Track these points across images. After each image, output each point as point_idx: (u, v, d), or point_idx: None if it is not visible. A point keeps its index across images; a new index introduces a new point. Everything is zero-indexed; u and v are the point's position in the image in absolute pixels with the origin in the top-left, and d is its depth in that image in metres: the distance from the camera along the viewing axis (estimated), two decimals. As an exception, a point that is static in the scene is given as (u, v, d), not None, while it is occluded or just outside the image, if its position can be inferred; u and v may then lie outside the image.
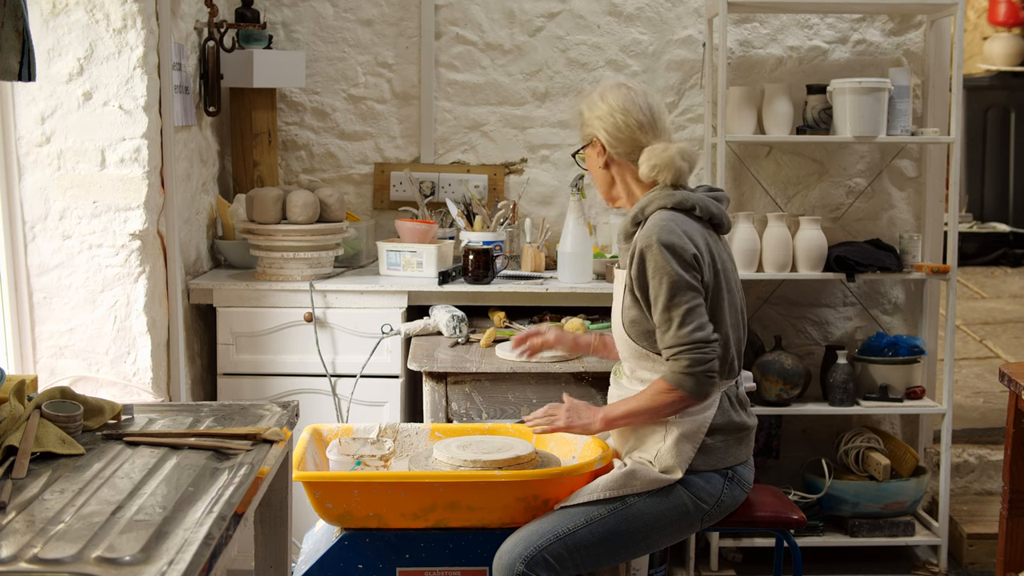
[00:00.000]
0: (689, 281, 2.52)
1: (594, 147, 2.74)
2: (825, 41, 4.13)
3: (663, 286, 2.51)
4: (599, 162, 2.74)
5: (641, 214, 2.63)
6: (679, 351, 2.51)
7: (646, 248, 2.54)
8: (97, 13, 3.10)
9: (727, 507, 2.62)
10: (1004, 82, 8.12)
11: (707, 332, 2.52)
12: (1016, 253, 7.88)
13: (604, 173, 2.75)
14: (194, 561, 1.60)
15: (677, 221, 2.57)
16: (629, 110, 2.68)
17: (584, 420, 2.63)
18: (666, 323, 2.52)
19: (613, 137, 2.69)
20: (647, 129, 2.68)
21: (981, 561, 3.97)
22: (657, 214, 2.60)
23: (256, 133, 3.94)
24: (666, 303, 2.51)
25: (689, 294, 2.52)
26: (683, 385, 2.51)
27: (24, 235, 3.16)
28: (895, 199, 4.19)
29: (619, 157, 2.71)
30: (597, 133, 2.72)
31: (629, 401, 2.60)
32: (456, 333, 3.39)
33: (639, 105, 2.69)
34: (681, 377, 2.50)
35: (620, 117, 2.68)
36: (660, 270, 2.52)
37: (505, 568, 2.48)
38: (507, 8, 4.10)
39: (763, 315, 4.19)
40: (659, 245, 2.52)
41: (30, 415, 2.10)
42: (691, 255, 2.53)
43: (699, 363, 2.50)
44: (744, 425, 2.66)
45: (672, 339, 2.51)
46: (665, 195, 2.62)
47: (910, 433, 4.26)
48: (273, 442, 2.19)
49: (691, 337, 2.50)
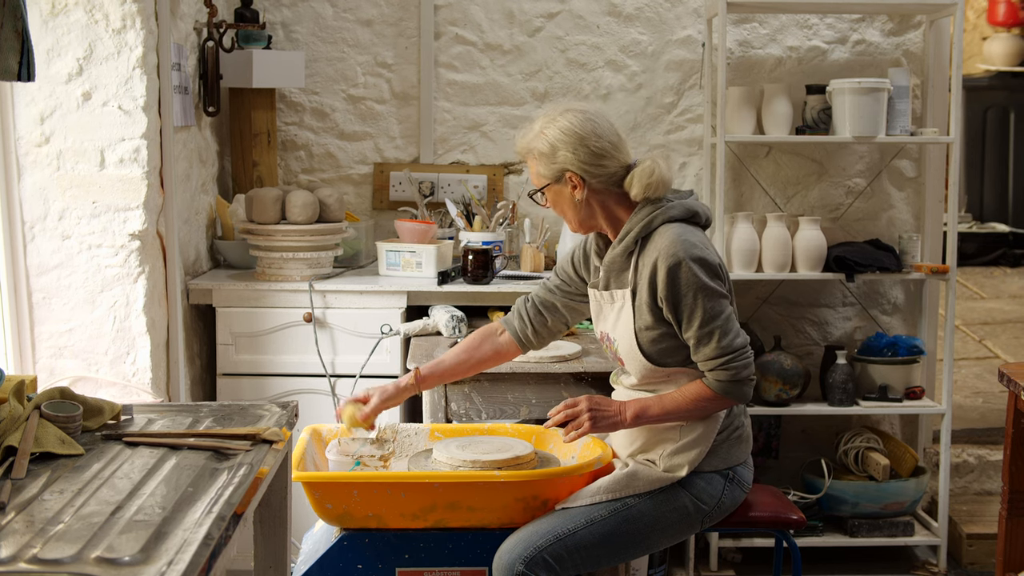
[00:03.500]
0: (722, 291, 2.51)
1: (566, 183, 2.57)
2: (824, 41, 4.13)
3: (699, 300, 2.47)
4: (575, 196, 2.57)
5: (646, 229, 2.54)
6: (725, 361, 2.49)
7: (675, 265, 2.47)
8: (96, 13, 3.10)
9: (727, 508, 2.62)
10: (1003, 82, 8.13)
11: (744, 338, 2.52)
12: (1015, 253, 7.89)
13: (582, 206, 2.58)
14: (193, 561, 1.60)
15: (692, 233, 2.53)
16: (600, 135, 2.55)
17: (611, 419, 2.54)
18: (708, 336, 2.49)
19: (592, 166, 2.54)
20: (620, 148, 2.59)
21: (980, 561, 3.97)
22: (667, 228, 2.52)
23: (255, 133, 3.94)
24: (705, 317, 2.48)
25: (723, 303, 2.50)
26: (731, 392, 2.50)
27: (23, 235, 3.16)
28: (894, 199, 4.19)
29: (601, 184, 2.57)
30: (569, 167, 2.54)
31: (665, 400, 2.54)
32: (455, 333, 3.39)
33: (604, 127, 2.57)
34: (729, 386, 2.50)
35: (594, 144, 2.54)
36: (693, 285, 2.47)
37: (504, 568, 2.48)
38: (507, 8, 4.10)
39: (762, 315, 4.19)
40: (689, 260, 2.46)
41: (29, 415, 2.10)
42: (717, 265, 2.51)
43: (744, 368, 2.50)
44: (744, 425, 2.66)
45: (715, 350, 2.49)
46: (666, 208, 2.55)
47: (909, 433, 4.26)
48: (272, 442, 2.19)
49: (733, 345, 2.49)
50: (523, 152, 2.64)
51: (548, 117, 2.59)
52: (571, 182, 2.57)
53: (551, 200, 2.63)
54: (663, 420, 2.55)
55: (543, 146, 2.57)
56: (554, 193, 2.61)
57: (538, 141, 2.58)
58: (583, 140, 2.54)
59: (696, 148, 4.15)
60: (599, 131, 2.56)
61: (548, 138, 2.56)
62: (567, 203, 2.61)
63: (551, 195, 2.62)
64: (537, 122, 2.61)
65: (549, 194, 2.62)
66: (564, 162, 2.55)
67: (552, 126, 2.57)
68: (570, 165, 2.55)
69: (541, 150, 2.57)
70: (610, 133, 2.58)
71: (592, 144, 2.54)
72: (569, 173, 2.56)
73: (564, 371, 3.14)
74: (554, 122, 2.57)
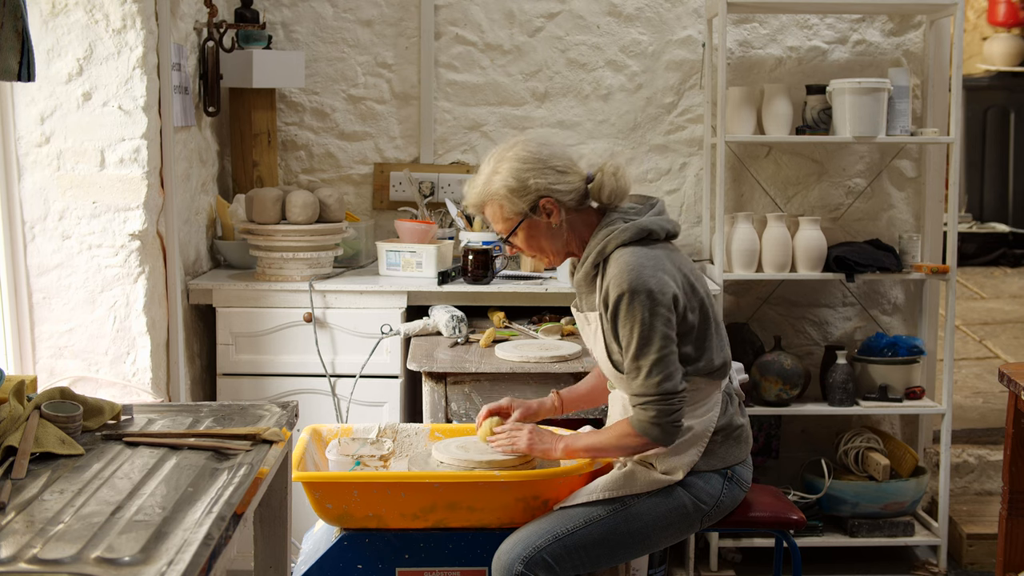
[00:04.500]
0: (662, 330, 2.44)
1: (541, 212, 2.54)
2: (824, 41, 4.13)
3: (634, 335, 2.44)
4: (552, 224, 2.55)
5: (600, 255, 2.52)
6: (647, 401, 2.46)
7: (618, 297, 2.44)
8: (96, 13, 3.10)
9: (726, 507, 2.62)
10: (1003, 82, 8.12)
11: (675, 382, 2.46)
12: (1015, 253, 7.88)
13: (559, 232, 2.56)
14: (193, 561, 1.60)
15: (644, 258, 2.47)
16: (556, 154, 2.55)
17: (546, 445, 2.59)
18: (635, 371, 2.46)
19: (562, 185, 2.53)
20: (575, 161, 2.58)
21: (980, 561, 3.97)
22: (619, 254, 2.49)
23: (256, 133, 3.93)
24: (636, 352, 2.45)
25: (659, 343, 2.44)
26: (649, 433, 2.47)
27: (24, 235, 3.16)
28: (894, 199, 4.19)
29: (574, 203, 2.55)
30: (543, 192, 2.51)
31: (592, 436, 2.58)
32: (455, 333, 3.39)
33: (556, 147, 2.58)
34: (647, 426, 2.47)
35: (556, 163, 2.53)
36: (631, 319, 2.44)
37: (504, 568, 2.48)
38: (507, 8, 4.10)
39: (762, 315, 4.19)
40: (631, 293, 2.43)
41: (30, 415, 2.10)
42: (670, 298, 2.45)
43: (666, 414, 2.45)
44: (742, 425, 2.66)
45: (640, 388, 2.46)
46: (620, 230, 2.51)
47: (909, 433, 4.26)
48: (272, 442, 2.19)
49: (659, 388, 2.44)
50: (480, 202, 2.59)
51: (496, 159, 2.56)
52: (546, 209, 2.54)
53: (524, 240, 2.58)
54: (593, 453, 2.57)
55: (508, 183, 2.52)
56: (529, 229, 2.56)
57: (496, 183, 2.53)
58: (546, 162, 2.53)
59: (696, 148, 4.15)
60: (554, 151, 2.56)
61: (509, 174, 2.52)
62: (543, 235, 2.57)
63: (525, 233, 2.57)
64: (485, 168, 2.58)
65: (523, 233, 2.57)
66: (537, 188, 2.51)
67: (506, 164, 2.54)
68: (543, 190, 2.52)
69: (508, 186, 2.52)
70: (561, 150, 2.59)
71: (555, 163, 2.54)
72: (544, 199, 2.53)
73: (564, 371, 3.14)
74: (506, 160, 2.54)
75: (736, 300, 4.18)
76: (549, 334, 3.43)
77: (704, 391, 2.57)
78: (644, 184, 4.14)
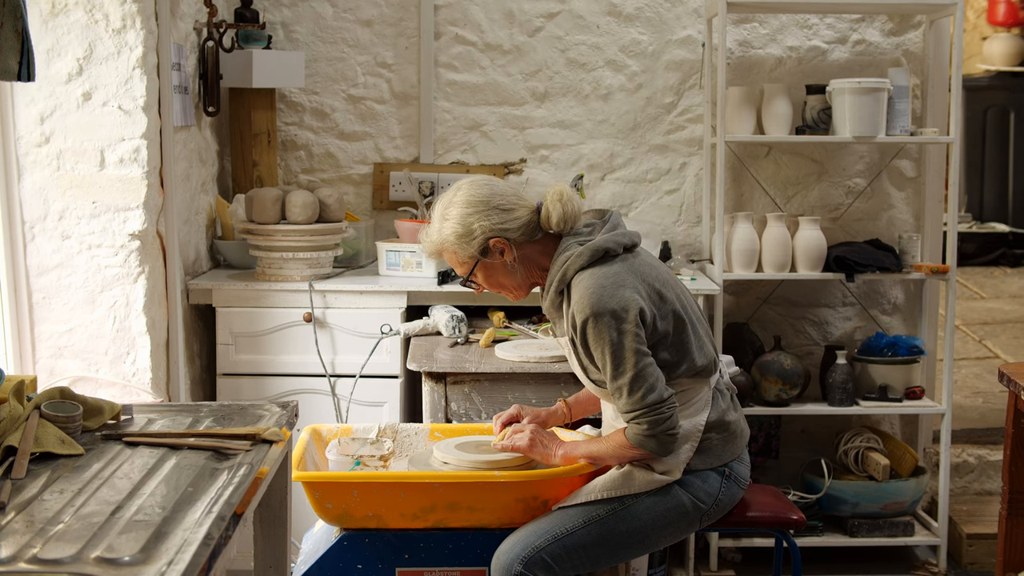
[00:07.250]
0: (632, 346, 2.44)
1: (493, 253, 2.57)
2: (824, 41, 4.13)
3: (607, 356, 2.45)
4: (507, 261, 2.57)
5: (563, 282, 2.53)
6: (636, 415, 2.46)
7: (584, 322, 2.45)
8: (96, 13, 3.10)
9: (725, 506, 2.62)
10: (1003, 82, 8.12)
11: (659, 392, 2.46)
12: (1015, 253, 7.88)
13: (516, 268, 2.58)
14: (193, 561, 1.60)
15: (603, 279, 2.47)
16: (498, 192, 2.57)
17: (545, 450, 2.61)
18: (618, 391, 2.48)
19: (508, 223, 2.55)
20: (521, 195, 2.60)
21: (980, 561, 3.97)
22: (579, 279, 2.49)
23: (255, 133, 3.94)
24: (612, 373, 2.46)
25: (633, 359, 2.44)
26: (645, 446, 2.48)
27: (23, 235, 3.16)
28: (894, 199, 4.20)
29: (523, 238, 2.57)
30: (490, 234, 2.54)
31: (591, 445, 2.59)
32: (455, 333, 3.39)
33: (498, 184, 2.60)
34: (642, 439, 2.47)
35: (499, 202, 2.55)
36: (600, 342, 2.45)
37: (503, 568, 2.48)
38: (506, 8, 4.10)
39: (762, 315, 4.19)
40: (594, 317, 2.44)
41: (29, 415, 2.10)
42: (635, 314, 2.45)
43: (657, 424, 2.45)
44: (734, 421, 2.65)
45: (626, 405, 2.47)
46: (576, 255, 2.52)
47: (909, 433, 4.26)
48: (272, 442, 2.19)
49: (644, 402, 2.45)
50: (436, 251, 2.62)
51: (443, 205, 2.59)
52: (497, 248, 2.57)
53: (484, 279, 2.62)
54: (592, 460, 2.58)
55: (455, 229, 2.55)
56: (485, 269, 2.60)
57: (446, 230, 2.57)
58: (488, 203, 2.55)
59: (696, 148, 4.15)
60: (496, 189, 2.58)
61: (456, 220, 2.55)
62: (501, 273, 2.60)
63: (483, 273, 2.60)
64: (434, 217, 2.61)
65: (481, 274, 2.60)
66: (483, 231, 2.54)
67: (453, 210, 2.56)
68: (489, 231, 2.54)
69: (456, 233, 2.55)
70: (505, 187, 2.61)
71: (498, 203, 2.56)
72: (492, 240, 2.55)
73: (564, 371, 3.14)
74: (453, 206, 2.57)
75: (736, 300, 4.18)
76: (549, 334, 3.44)
77: (692, 390, 2.58)
78: (644, 184, 4.15)
